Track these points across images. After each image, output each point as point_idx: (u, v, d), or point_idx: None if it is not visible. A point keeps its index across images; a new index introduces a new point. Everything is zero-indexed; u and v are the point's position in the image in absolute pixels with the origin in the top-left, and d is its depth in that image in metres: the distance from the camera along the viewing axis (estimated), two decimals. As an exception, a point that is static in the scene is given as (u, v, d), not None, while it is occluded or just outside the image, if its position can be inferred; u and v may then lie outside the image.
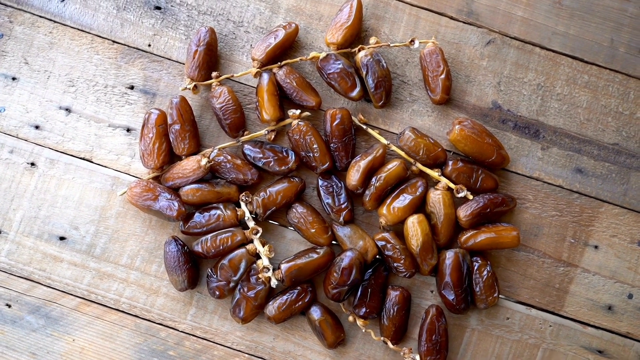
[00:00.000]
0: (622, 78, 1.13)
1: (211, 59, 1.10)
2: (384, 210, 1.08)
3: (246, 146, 1.10)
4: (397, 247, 1.07)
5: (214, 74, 1.10)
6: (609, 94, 1.13)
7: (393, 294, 1.08)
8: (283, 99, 1.11)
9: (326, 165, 1.08)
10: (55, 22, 1.13)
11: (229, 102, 1.08)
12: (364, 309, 1.08)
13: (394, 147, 1.10)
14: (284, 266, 1.06)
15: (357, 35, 1.11)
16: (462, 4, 1.13)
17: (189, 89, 1.09)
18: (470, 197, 1.08)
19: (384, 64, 1.09)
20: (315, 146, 1.08)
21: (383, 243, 1.08)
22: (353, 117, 1.10)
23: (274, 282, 1.05)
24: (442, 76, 1.09)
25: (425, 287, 1.12)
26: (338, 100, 1.13)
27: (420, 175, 1.10)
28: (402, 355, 1.09)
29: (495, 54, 1.13)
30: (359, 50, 1.10)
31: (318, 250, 1.08)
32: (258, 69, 1.10)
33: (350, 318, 1.09)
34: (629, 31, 1.13)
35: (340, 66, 1.09)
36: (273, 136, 1.10)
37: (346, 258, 1.06)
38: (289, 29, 1.10)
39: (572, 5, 1.13)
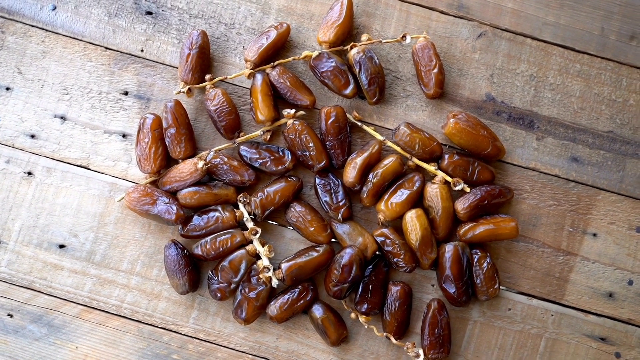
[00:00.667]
0: (614, 66, 1.13)
1: (204, 62, 1.10)
2: (382, 206, 1.08)
3: (242, 147, 1.10)
4: (397, 242, 1.08)
5: (207, 76, 1.10)
6: (601, 82, 1.13)
7: (394, 289, 1.08)
8: (277, 99, 1.11)
9: (323, 163, 1.09)
10: (47, 30, 1.13)
11: (224, 104, 1.08)
12: (365, 305, 1.08)
13: (389, 143, 1.10)
14: (284, 265, 1.06)
15: (348, 32, 1.12)
16: (452, -2, 1.14)
17: (183, 92, 1.10)
18: (468, 189, 1.08)
19: (377, 61, 1.10)
20: (311, 145, 1.08)
21: (382, 239, 1.08)
22: (348, 115, 1.11)
23: (275, 282, 1.05)
24: (435, 70, 1.10)
25: (426, 281, 1.12)
26: (332, 98, 1.13)
27: (416, 170, 1.11)
28: (405, 350, 1.09)
29: (487, 46, 1.13)
30: (351, 48, 1.10)
31: (318, 248, 1.08)
32: (251, 70, 1.10)
33: (353, 315, 1.09)
34: (619, 19, 1.13)
35: (333, 64, 1.09)
36: (269, 136, 1.11)
37: (346, 255, 1.06)
38: (280, 29, 1.10)
39: (562, -5, 1.14)
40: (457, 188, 1.08)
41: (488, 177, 1.10)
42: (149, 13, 1.13)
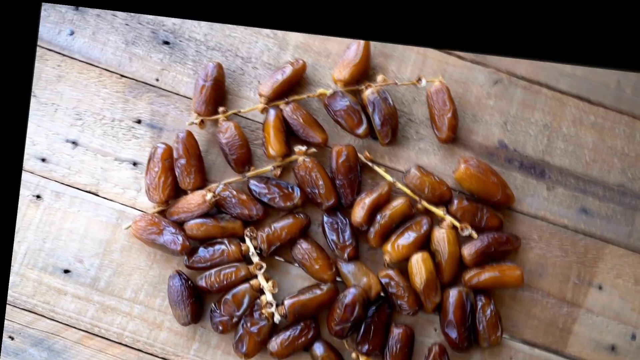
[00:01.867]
0: (629, 120, 1.13)
1: (218, 94, 1.10)
2: (388, 247, 1.08)
3: (252, 182, 1.10)
4: (401, 284, 1.07)
5: (220, 109, 1.10)
6: (615, 135, 1.13)
7: (396, 332, 1.08)
8: (290, 135, 1.11)
9: (331, 201, 1.09)
10: (63, 55, 1.13)
11: (236, 137, 1.08)
12: (366, 346, 1.08)
13: (399, 185, 1.10)
14: (287, 302, 1.06)
15: (364, 72, 1.11)
16: (469, 42, 1.14)
17: (196, 123, 1.10)
18: (475, 235, 1.08)
19: (391, 102, 1.10)
20: (320, 182, 1.08)
21: (387, 280, 1.08)
22: (359, 154, 1.10)
23: (277, 318, 1.05)
24: (449, 115, 1.09)
25: (428, 325, 1.12)
26: (344, 137, 1.13)
27: (425, 213, 1.10)
28: (404, 394, 1.09)
29: (502, 93, 1.13)
30: (366, 88, 1.10)
31: (322, 286, 1.08)
32: (265, 105, 1.10)
33: (353, 355, 1.09)
34: (635, 73, 1.13)
35: (347, 103, 1.09)
36: (279, 172, 1.11)
37: (349, 295, 1.06)
38: (296, 66, 1.10)
39: (579, 45, 1.14)
40: (464, 233, 1.08)
41: (496, 224, 1.10)
42: (166, 43, 1.13)
